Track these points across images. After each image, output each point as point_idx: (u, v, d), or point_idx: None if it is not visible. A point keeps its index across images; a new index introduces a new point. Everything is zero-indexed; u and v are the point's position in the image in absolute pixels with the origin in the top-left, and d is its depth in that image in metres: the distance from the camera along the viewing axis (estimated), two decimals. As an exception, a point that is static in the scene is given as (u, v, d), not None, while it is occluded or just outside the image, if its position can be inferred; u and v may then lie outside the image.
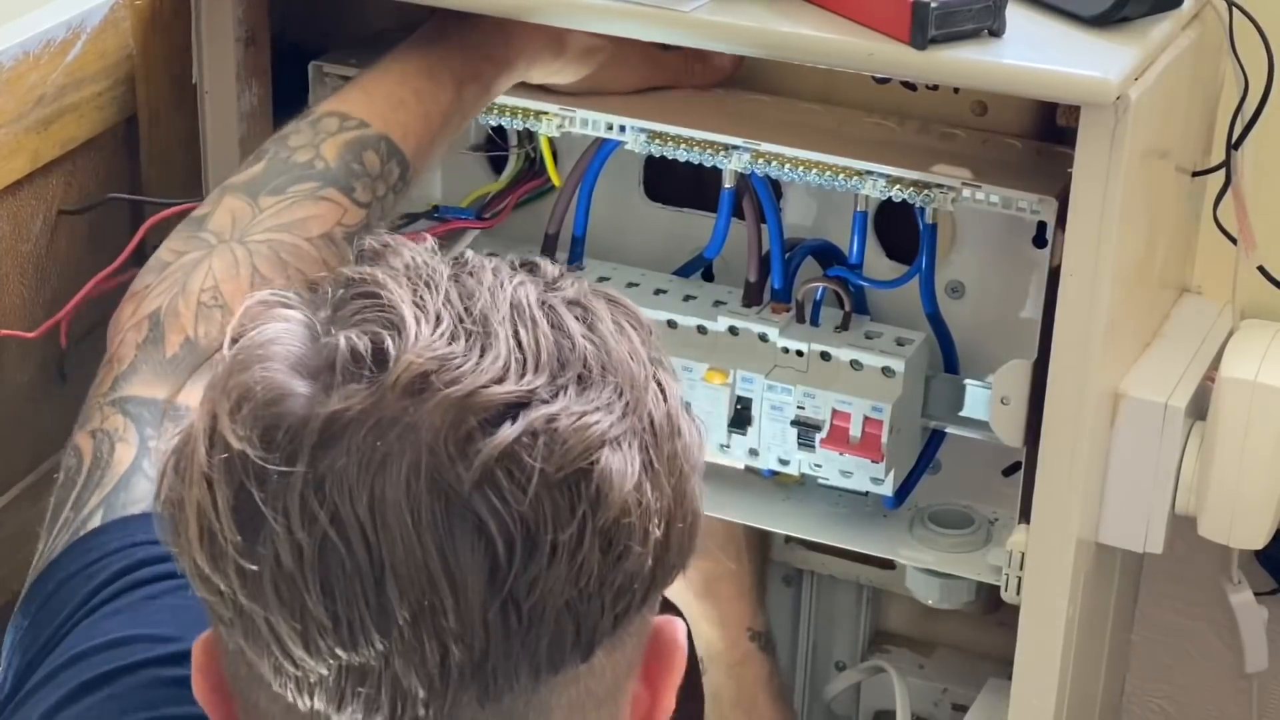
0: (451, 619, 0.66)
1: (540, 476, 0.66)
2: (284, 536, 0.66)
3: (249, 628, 0.68)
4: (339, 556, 0.66)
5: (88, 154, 1.30)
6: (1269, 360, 1.22)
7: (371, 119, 1.14)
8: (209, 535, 0.68)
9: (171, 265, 1.06)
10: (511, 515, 0.65)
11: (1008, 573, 1.20)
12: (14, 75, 1.20)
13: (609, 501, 0.67)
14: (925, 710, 1.49)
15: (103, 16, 1.27)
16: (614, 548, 0.68)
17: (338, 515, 0.65)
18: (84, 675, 0.85)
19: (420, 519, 0.65)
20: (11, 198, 1.24)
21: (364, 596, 0.66)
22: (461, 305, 0.69)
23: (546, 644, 0.67)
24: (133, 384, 1.00)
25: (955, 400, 1.26)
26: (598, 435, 0.67)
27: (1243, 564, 1.39)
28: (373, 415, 0.66)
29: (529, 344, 0.68)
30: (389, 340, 0.67)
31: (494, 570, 0.66)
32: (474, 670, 0.67)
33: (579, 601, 0.67)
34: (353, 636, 0.66)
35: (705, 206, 1.34)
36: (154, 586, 0.88)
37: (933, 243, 1.25)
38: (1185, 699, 1.55)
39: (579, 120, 1.27)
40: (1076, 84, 1.05)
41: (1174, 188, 1.26)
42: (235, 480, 0.67)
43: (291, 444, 0.66)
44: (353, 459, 0.66)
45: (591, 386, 0.68)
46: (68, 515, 0.94)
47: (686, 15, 1.11)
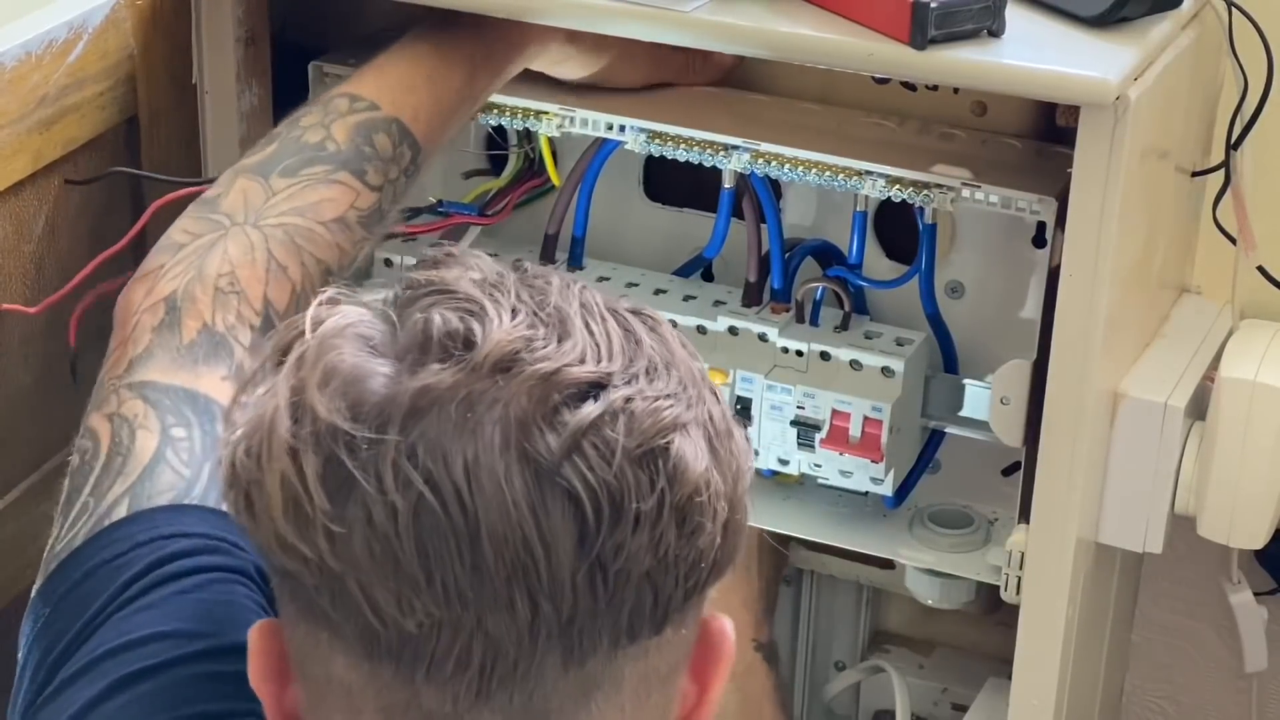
0: (544, 578, 0.69)
1: (622, 450, 0.70)
2: (377, 498, 0.69)
3: (336, 590, 0.70)
4: (435, 517, 0.69)
5: (89, 154, 1.30)
6: (1268, 360, 1.22)
7: (383, 101, 1.14)
8: (294, 504, 0.71)
9: (186, 247, 1.05)
10: (599, 482, 0.69)
11: (1007, 573, 1.20)
12: (16, 75, 1.20)
13: (684, 479, 0.71)
14: (925, 710, 1.50)
15: (104, 17, 1.27)
16: (688, 523, 0.71)
17: (432, 478, 0.69)
18: (120, 671, 0.86)
19: (513, 483, 0.69)
20: (14, 197, 1.24)
21: (459, 555, 0.69)
22: (534, 302, 0.74)
23: (628, 610, 0.71)
24: (150, 369, 0.99)
25: (955, 400, 1.26)
26: (670, 419, 0.72)
27: (1242, 564, 1.39)
28: (463, 389, 0.70)
29: (601, 336, 0.73)
30: (474, 323, 0.72)
31: (583, 534, 0.69)
32: (561, 631, 0.70)
33: (657, 571, 0.71)
34: (446, 594, 0.69)
35: (705, 206, 1.34)
36: (184, 581, 0.89)
37: (932, 243, 1.25)
38: (1185, 699, 1.55)
39: (579, 120, 1.27)
40: (1076, 84, 1.05)
41: (1173, 188, 1.26)
42: (324, 450, 0.70)
43: (380, 416, 0.70)
44: (445, 428, 0.69)
45: (659, 378, 0.73)
46: (86, 501, 0.94)
47: (686, 15, 1.12)
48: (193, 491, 0.93)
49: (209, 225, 1.07)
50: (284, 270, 1.06)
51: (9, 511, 1.30)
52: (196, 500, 0.93)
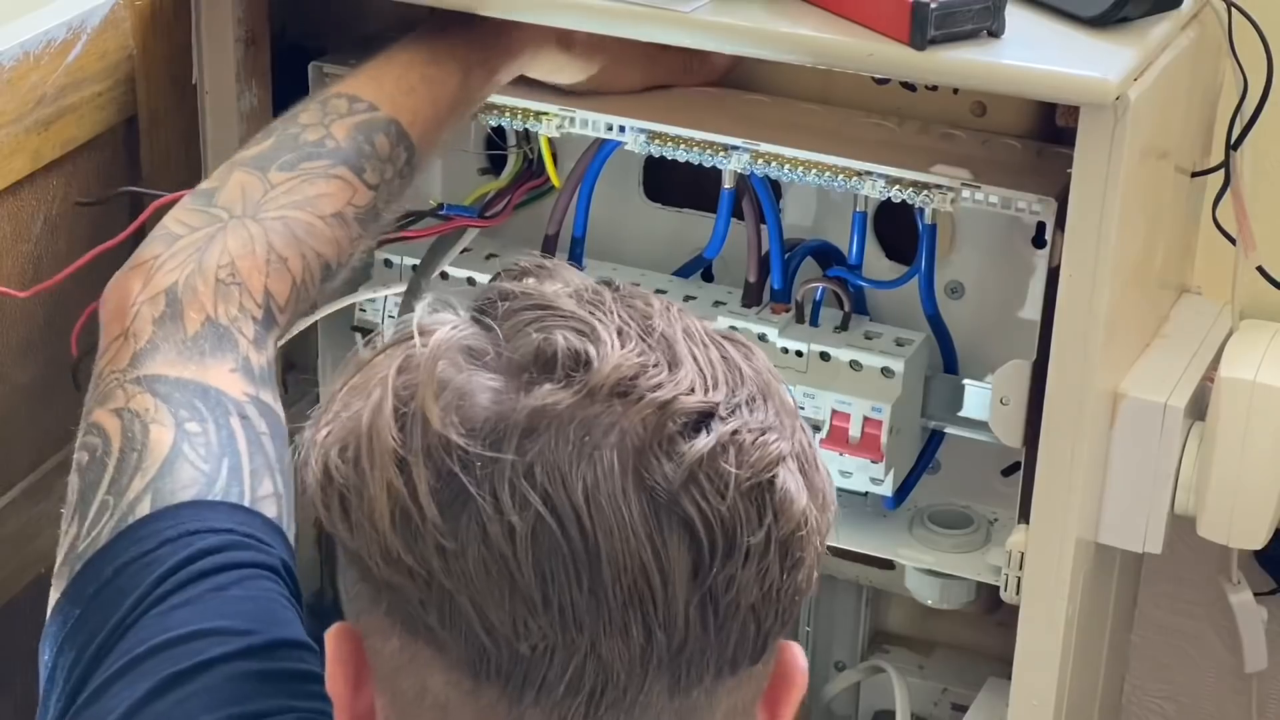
0: (659, 606, 0.69)
1: (735, 482, 0.70)
2: (494, 517, 0.68)
3: (446, 607, 0.70)
4: (553, 539, 0.68)
5: (88, 154, 1.30)
6: (1268, 360, 1.22)
7: (381, 103, 1.14)
8: (403, 515, 0.70)
9: (183, 239, 1.05)
10: (714, 514, 0.69)
11: (1007, 573, 1.20)
12: (14, 75, 1.20)
13: (790, 513, 0.72)
14: (925, 710, 1.50)
15: (103, 17, 1.27)
16: (790, 557, 0.72)
17: (551, 500, 0.68)
18: (165, 670, 0.85)
19: (631, 509, 0.69)
20: (12, 198, 1.24)
21: (577, 579, 0.68)
22: (640, 324, 0.73)
23: (734, 642, 0.71)
24: (156, 363, 0.98)
25: (954, 400, 1.26)
26: (775, 453, 0.72)
27: (1242, 564, 1.39)
28: (580, 411, 0.70)
29: (706, 365, 0.73)
30: (589, 345, 0.71)
31: (697, 565, 0.69)
32: (671, 659, 0.70)
33: (761, 604, 0.71)
34: (563, 617, 0.69)
35: (705, 207, 1.34)
36: (220, 577, 0.89)
37: (932, 243, 1.25)
38: (1185, 699, 1.55)
39: (579, 121, 1.27)
40: (1076, 84, 1.05)
41: (1173, 188, 1.26)
42: (436, 463, 0.69)
43: (494, 433, 0.69)
44: (563, 450, 0.69)
45: (759, 409, 0.73)
46: (104, 498, 0.93)
47: (686, 15, 1.12)
48: (214, 486, 0.93)
49: (206, 218, 1.06)
50: (284, 262, 1.06)
51: (9, 511, 1.30)
52: (219, 495, 0.93)
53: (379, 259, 1.38)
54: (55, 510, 1.28)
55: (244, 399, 0.98)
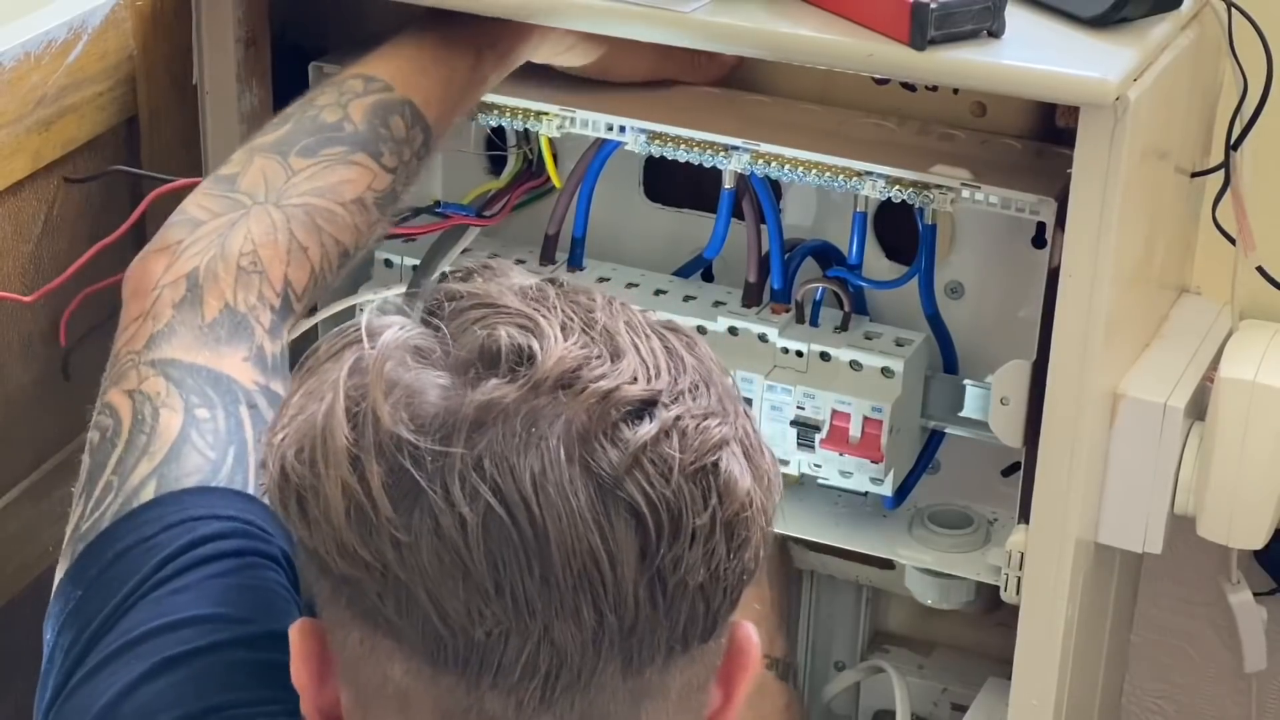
0: (609, 589, 0.71)
1: (679, 466, 0.72)
2: (445, 509, 0.71)
3: (402, 597, 0.72)
4: (504, 528, 0.71)
5: (89, 154, 1.30)
6: (1268, 360, 1.22)
7: (395, 82, 1.14)
8: (357, 511, 0.72)
9: (206, 224, 1.05)
10: (659, 497, 0.72)
11: (1007, 573, 1.20)
12: (15, 76, 1.20)
13: (733, 495, 0.74)
14: (925, 710, 1.50)
15: (104, 17, 1.27)
16: (735, 537, 0.74)
17: (500, 490, 0.71)
18: (159, 654, 0.86)
19: (579, 496, 0.71)
20: (12, 198, 1.24)
21: (528, 566, 0.71)
22: (582, 319, 0.76)
23: (684, 621, 0.73)
24: (172, 346, 0.99)
25: (954, 400, 1.26)
26: (717, 437, 0.74)
27: (1242, 564, 1.39)
28: (526, 403, 0.72)
29: (648, 354, 0.75)
30: (533, 340, 0.73)
31: (644, 547, 0.72)
32: (622, 640, 0.72)
33: (709, 584, 0.74)
34: (515, 603, 0.71)
35: (705, 207, 1.34)
36: (218, 564, 0.90)
37: (932, 243, 1.25)
38: (1184, 699, 1.55)
39: (579, 121, 1.27)
40: (1076, 85, 1.05)
41: (1173, 188, 1.26)
42: (388, 459, 0.72)
43: (443, 428, 0.72)
44: (510, 442, 0.71)
45: (701, 395, 0.75)
46: (109, 479, 0.94)
47: (686, 16, 1.12)
48: (219, 474, 0.94)
49: (229, 204, 1.06)
50: (304, 251, 1.06)
51: (9, 511, 1.30)
52: (223, 483, 0.93)
53: (379, 259, 1.38)
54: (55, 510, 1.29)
55: (254, 388, 0.99)
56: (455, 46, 1.18)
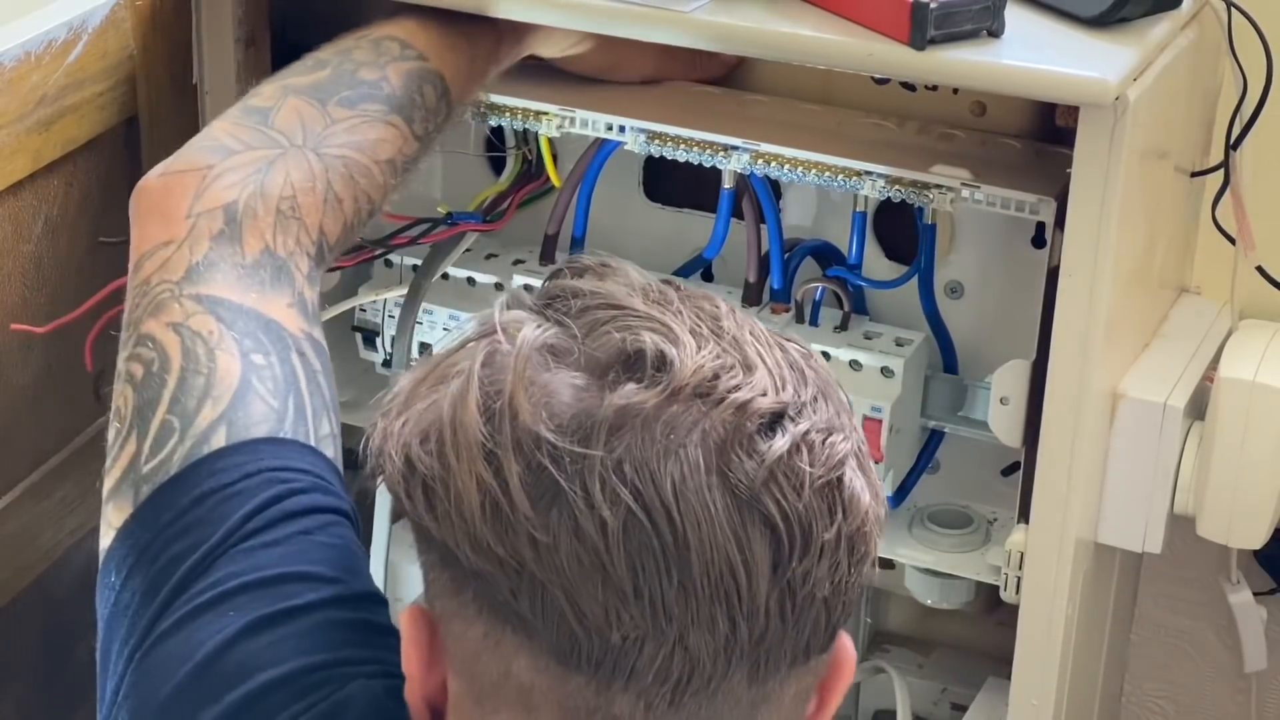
0: (744, 599, 0.72)
1: (809, 480, 0.73)
2: (585, 512, 0.71)
3: (538, 596, 0.72)
4: (644, 533, 0.71)
5: (89, 154, 1.30)
6: (1268, 360, 1.22)
7: (430, 54, 1.14)
8: (493, 507, 0.72)
9: (238, 154, 1.02)
10: (793, 511, 0.72)
11: (1007, 572, 1.20)
12: (15, 76, 1.20)
13: (857, 509, 0.75)
14: (925, 710, 1.50)
15: (104, 17, 1.27)
16: (856, 551, 0.75)
17: (641, 496, 0.71)
18: (258, 610, 0.86)
19: (717, 506, 0.71)
20: (13, 198, 1.24)
21: (667, 572, 0.71)
22: (711, 328, 0.76)
23: (807, 632, 0.75)
24: (215, 283, 0.97)
25: (954, 400, 1.26)
26: (842, 452, 0.75)
27: (1241, 564, 1.39)
28: (665, 410, 0.72)
29: (774, 366, 0.75)
30: (669, 346, 0.74)
31: (777, 559, 0.72)
32: (752, 649, 0.73)
33: (832, 596, 0.75)
34: (654, 609, 0.71)
35: (705, 207, 1.34)
36: (306, 520, 0.90)
37: (932, 243, 1.25)
38: (1184, 699, 1.55)
39: (578, 121, 1.27)
40: (1075, 84, 1.05)
41: (1173, 188, 1.26)
42: (526, 457, 0.72)
43: (582, 429, 0.72)
44: (650, 447, 0.72)
45: (822, 410, 0.76)
46: (166, 419, 0.92)
47: (686, 16, 1.12)
48: (284, 424, 0.93)
49: (264, 139, 1.04)
50: (340, 203, 1.05)
51: (10, 511, 1.30)
52: (289, 433, 0.93)
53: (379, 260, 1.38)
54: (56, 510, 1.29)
55: (300, 335, 0.98)
56: (481, 27, 1.17)
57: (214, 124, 1.06)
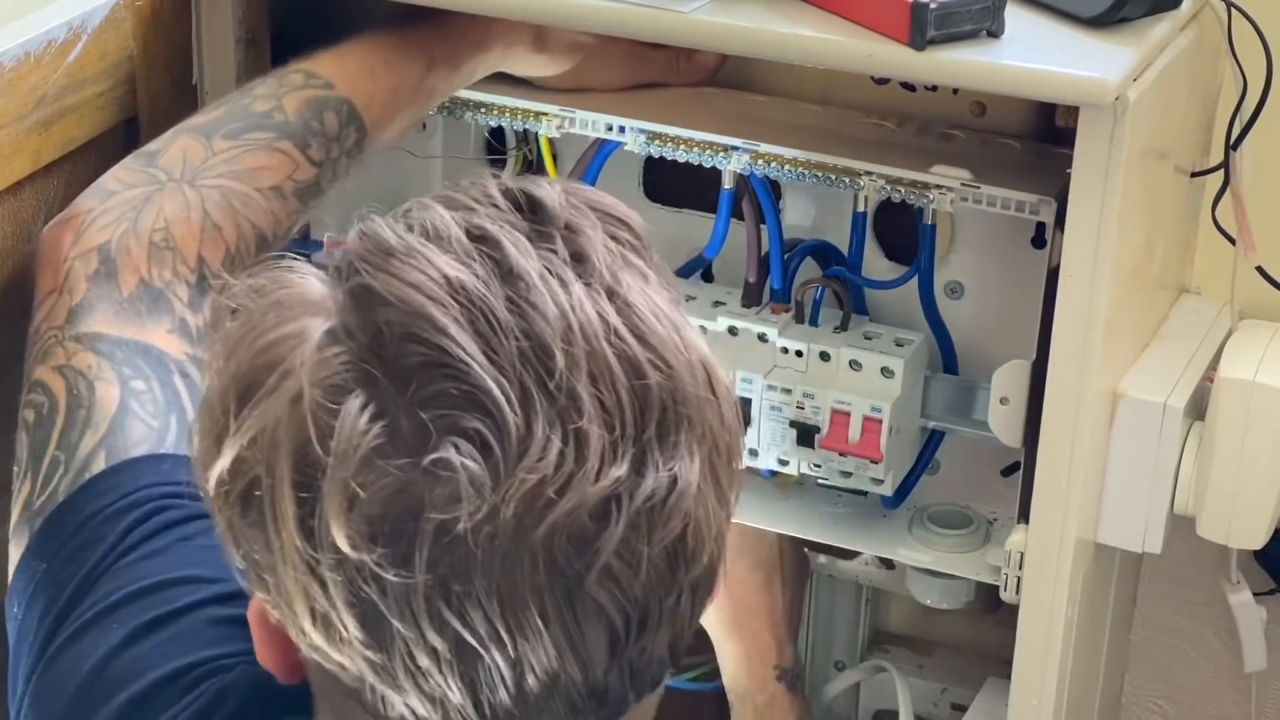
0: (581, 688, 0.72)
1: (647, 559, 0.71)
2: (415, 639, 0.70)
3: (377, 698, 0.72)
4: (475, 655, 0.70)
5: (89, 155, 1.30)
6: (1268, 360, 1.22)
7: (338, 81, 1.15)
8: (323, 619, 0.71)
9: (118, 195, 1.06)
10: (628, 598, 0.71)
11: (1007, 572, 1.20)
12: (15, 76, 1.20)
13: (698, 557, 0.73)
14: (925, 710, 1.50)
15: (103, 17, 1.27)
16: (700, 591, 0.75)
17: (467, 619, 0.70)
18: (142, 616, 0.88)
19: (549, 615, 0.70)
20: (13, 198, 1.24)
21: (503, 685, 0.71)
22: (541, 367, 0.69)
23: (651, 678, 0.75)
24: (94, 320, 1.00)
25: (955, 400, 1.26)
26: (690, 498, 0.72)
27: (1241, 564, 1.39)
28: (489, 524, 0.69)
29: (614, 409, 0.70)
30: (493, 443, 0.68)
31: (614, 645, 0.72)
32: (595, 709, 0.74)
33: (676, 642, 0.75)
34: (493, 713, 0.72)
35: (705, 207, 1.34)
36: (187, 527, 0.91)
37: (932, 243, 1.25)
38: (1184, 699, 1.55)
39: (578, 121, 1.28)
40: (1075, 85, 1.05)
41: (1173, 188, 1.26)
42: (348, 578, 0.69)
43: (403, 547, 0.69)
44: (473, 565, 0.69)
45: (669, 431, 0.71)
46: (55, 455, 0.95)
47: (686, 16, 1.12)
48: (166, 441, 0.95)
49: (144, 178, 1.07)
50: (219, 231, 1.07)
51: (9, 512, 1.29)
52: (171, 449, 0.95)
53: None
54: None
55: (183, 358, 1.00)
56: (407, 53, 1.19)
57: (107, 172, 1.08)
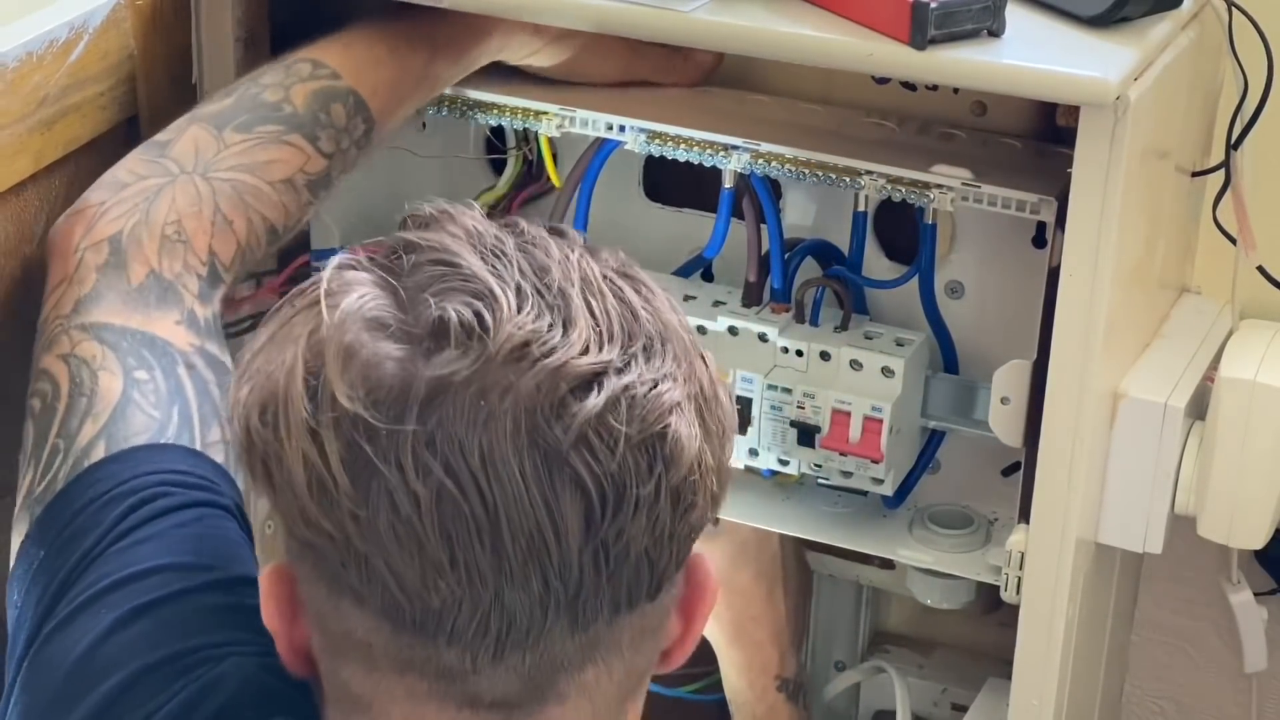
0: (555, 559, 0.75)
1: (625, 439, 0.75)
2: (399, 486, 0.73)
3: (362, 566, 0.75)
4: (455, 504, 0.74)
5: (90, 154, 1.30)
6: (1268, 360, 1.22)
7: (344, 71, 1.16)
8: (318, 484, 0.75)
9: (130, 187, 1.06)
10: (604, 472, 0.74)
11: (1007, 573, 1.20)
12: (18, 76, 1.20)
13: (680, 461, 0.76)
14: (925, 710, 1.50)
15: (104, 17, 1.27)
16: (682, 502, 0.77)
17: (451, 467, 0.73)
18: (131, 602, 0.89)
19: (526, 472, 0.74)
20: (15, 198, 1.24)
21: (479, 539, 0.74)
22: (537, 279, 0.77)
23: (626, 584, 0.77)
24: (101, 310, 1.01)
25: (955, 400, 1.26)
26: (668, 403, 0.76)
27: (1242, 564, 1.39)
28: (477, 380, 0.74)
29: (601, 317, 0.77)
30: (485, 312, 0.75)
31: (588, 519, 0.75)
32: (568, 603, 0.76)
33: (653, 549, 0.77)
34: (469, 574, 0.74)
35: (705, 206, 1.34)
36: (179, 515, 0.92)
37: (932, 243, 1.25)
38: (1185, 699, 1.55)
39: (579, 120, 1.28)
40: (1076, 84, 1.05)
41: (1173, 188, 1.26)
42: (344, 435, 0.74)
43: (397, 403, 0.74)
44: (460, 418, 0.74)
45: (655, 355, 0.77)
46: (55, 443, 0.96)
47: (686, 15, 1.12)
48: (166, 432, 0.96)
49: (157, 169, 1.08)
50: (230, 224, 1.07)
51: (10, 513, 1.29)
52: (171, 440, 0.96)
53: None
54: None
55: (190, 349, 1.01)
56: (411, 42, 1.19)
57: (120, 162, 1.09)
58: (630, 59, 1.29)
